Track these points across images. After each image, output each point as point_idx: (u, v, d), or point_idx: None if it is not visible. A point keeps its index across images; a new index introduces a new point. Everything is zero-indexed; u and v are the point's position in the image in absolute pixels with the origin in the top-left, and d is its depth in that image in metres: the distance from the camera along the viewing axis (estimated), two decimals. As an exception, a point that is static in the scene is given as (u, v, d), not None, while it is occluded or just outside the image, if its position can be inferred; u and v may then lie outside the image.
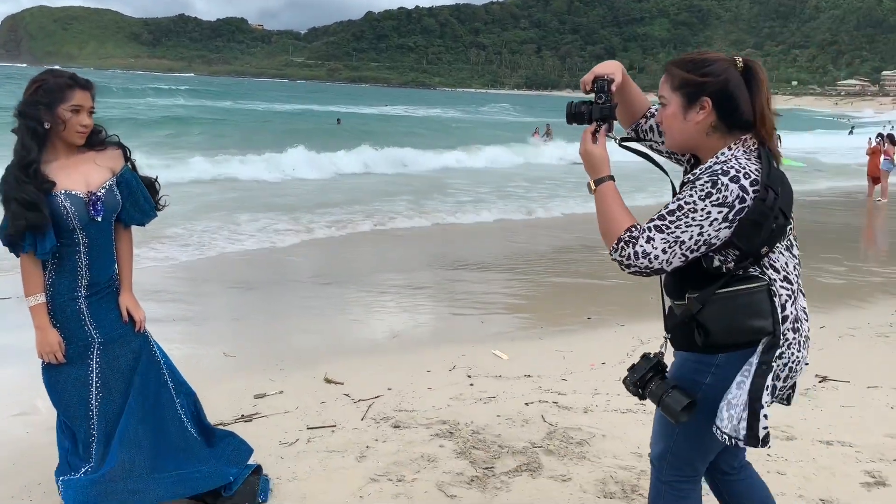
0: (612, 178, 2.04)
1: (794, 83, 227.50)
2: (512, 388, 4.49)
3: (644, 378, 2.05)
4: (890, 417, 4.13)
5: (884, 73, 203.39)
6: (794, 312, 1.97)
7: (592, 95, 2.11)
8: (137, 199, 2.79)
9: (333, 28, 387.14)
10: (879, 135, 17.55)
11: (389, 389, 4.39)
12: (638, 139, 2.30)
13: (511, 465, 3.42)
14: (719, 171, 1.90)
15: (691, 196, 1.89)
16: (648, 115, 2.27)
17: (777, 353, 1.92)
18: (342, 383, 4.48)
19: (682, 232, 1.89)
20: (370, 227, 10.50)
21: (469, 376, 4.71)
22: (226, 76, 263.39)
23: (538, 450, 3.59)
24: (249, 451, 3.05)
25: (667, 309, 2.14)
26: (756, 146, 1.99)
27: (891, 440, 3.79)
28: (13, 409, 4.03)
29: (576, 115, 2.12)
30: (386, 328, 5.98)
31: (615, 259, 1.96)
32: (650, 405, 4.16)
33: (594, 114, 2.08)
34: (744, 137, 1.99)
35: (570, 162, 20.82)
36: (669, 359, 2.13)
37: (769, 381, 1.91)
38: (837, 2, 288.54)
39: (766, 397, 1.91)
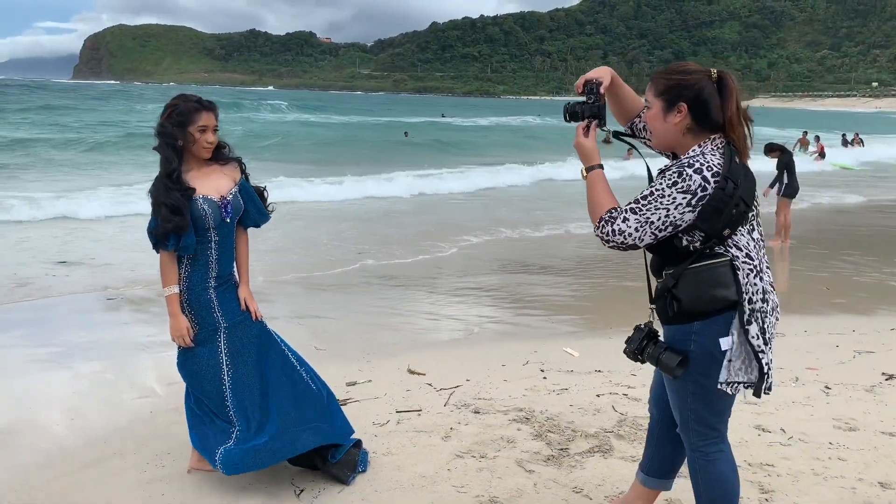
0: (601, 166, 2.42)
1: (875, 84, 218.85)
2: (583, 381, 4.78)
3: (640, 346, 2.43)
4: (955, 412, 4.24)
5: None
6: (760, 284, 2.31)
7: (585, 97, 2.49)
8: (256, 204, 3.27)
9: (399, 39, 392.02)
10: None
11: (468, 380, 4.73)
12: (633, 136, 2.65)
13: (584, 446, 3.72)
14: (686, 164, 2.25)
15: (661, 184, 2.25)
16: (642, 114, 2.57)
17: (747, 318, 2.26)
18: (424, 374, 4.85)
19: (652, 214, 2.25)
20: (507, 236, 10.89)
21: (542, 370, 5.01)
22: (295, 89, 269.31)
23: (609, 434, 3.87)
24: (352, 429, 3.43)
25: (652, 287, 2.47)
26: (723, 144, 2.32)
27: (954, 433, 3.92)
28: (137, 392, 4.54)
29: (572, 114, 2.50)
30: (462, 326, 6.33)
31: (598, 235, 2.33)
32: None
33: (585, 112, 2.46)
34: (713, 137, 2.33)
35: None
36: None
37: (754, 332, 2.27)
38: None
39: (759, 343, 2.27)
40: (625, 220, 2.28)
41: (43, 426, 4.03)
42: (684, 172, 2.23)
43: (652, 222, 2.25)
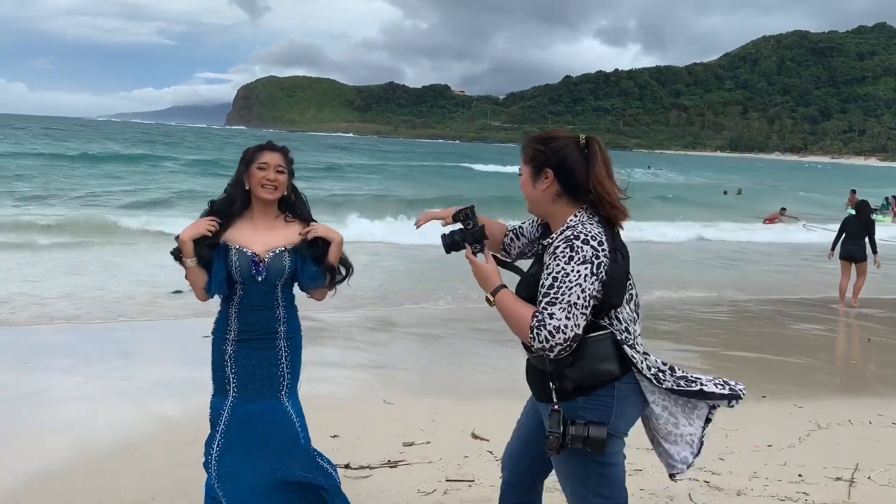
0: (504, 286, 2.33)
1: None
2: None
3: (563, 433, 2.23)
4: None
5: None
6: (641, 353, 2.31)
7: (458, 225, 2.47)
8: (308, 271, 2.97)
9: (531, 92, 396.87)
10: None
11: (534, 451, 4.37)
12: (511, 258, 2.65)
13: (646, 542, 3.29)
14: (571, 236, 2.22)
15: (558, 264, 2.19)
16: (508, 232, 2.66)
17: (653, 388, 2.31)
18: (488, 440, 4.54)
19: (570, 296, 2.15)
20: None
21: (619, 445, 4.57)
22: (426, 139, 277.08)
23: (678, 530, 3.41)
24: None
25: (526, 364, 2.43)
26: (598, 213, 2.30)
27: None
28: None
29: (452, 244, 2.45)
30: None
31: (538, 348, 2.17)
32: (814, 496, 3.82)
33: (467, 239, 2.41)
34: (586, 206, 2.31)
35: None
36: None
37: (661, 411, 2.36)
38: None
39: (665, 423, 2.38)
40: (551, 315, 2.16)
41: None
42: (574, 244, 2.20)
43: (575, 304, 2.16)
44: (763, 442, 4.72)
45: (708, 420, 2.42)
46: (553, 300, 2.16)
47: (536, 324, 2.16)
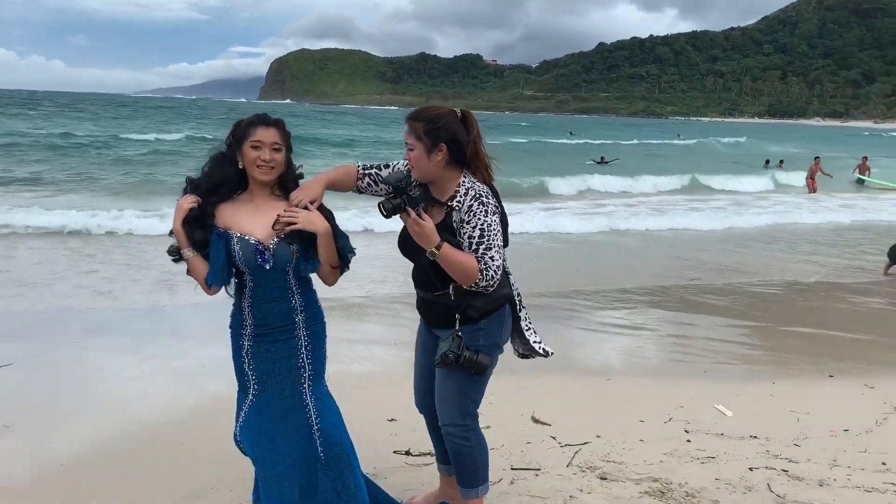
0: (443, 240, 2.67)
1: None
2: (735, 449, 4.12)
3: (447, 355, 2.78)
4: None
5: None
6: (514, 282, 2.96)
7: (388, 197, 2.67)
8: (306, 254, 2.74)
9: (564, 60, 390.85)
10: None
11: (598, 437, 4.22)
12: (361, 193, 3.01)
13: (728, 536, 3.12)
14: (477, 195, 2.74)
15: (479, 219, 2.71)
16: (360, 177, 2.98)
17: (518, 307, 2.97)
18: (550, 424, 4.39)
19: (496, 240, 2.73)
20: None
21: (686, 431, 4.39)
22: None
23: (761, 523, 3.24)
24: None
25: (421, 300, 3.01)
26: (473, 174, 2.82)
27: None
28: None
29: (394, 208, 2.62)
30: (601, 367, 5.78)
31: (484, 285, 2.72)
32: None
33: (411, 203, 2.63)
34: (464, 169, 2.81)
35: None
36: None
37: (524, 315, 3.01)
38: None
39: (527, 324, 3.01)
40: (492, 258, 2.71)
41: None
42: (482, 201, 2.73)
43: (499, 245, 2.75)
44: (838, 427, 4.49)
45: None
46: (489, 246, 2.70)
47: (484, 267, 2.70)
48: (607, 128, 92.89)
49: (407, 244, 2.86)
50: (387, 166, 3.01)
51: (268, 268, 2.67)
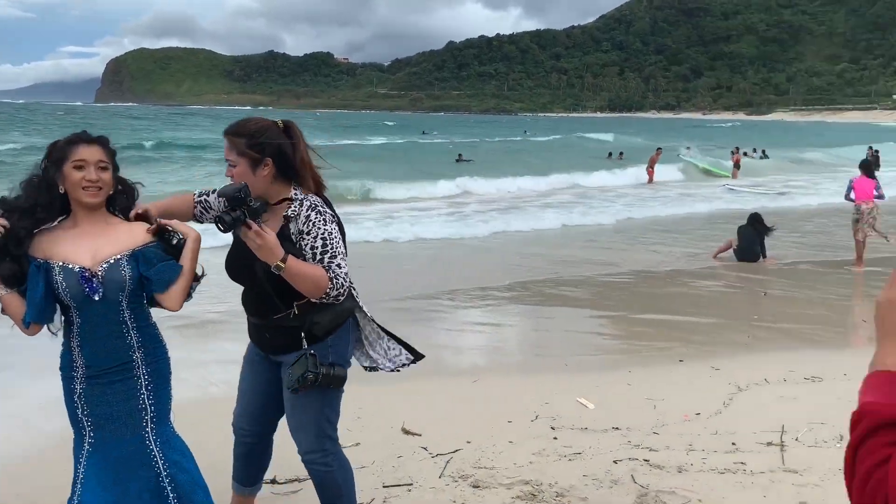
0: (288, 253, 2.51)
1: None
2: (599, 442, 4.23)
3: (307, 376, 2.59)
4: None
5: None
6: (356, 292, 2.83)
7: (226, 210, 2.49)
8: (160, 274, 2.46)
9: (416, 59, 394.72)
10: None
11: (468, 442, 4.20)
12: (200, 222, 2.89)
13: (599, 534, 3.18)
14: (311, 206, 2.63)
15: (319, 228, 2.60)
16: (196, 205, 2.89)
17: (365, 318, 2.86)
18: (420, 434, 4.33)
19: (339, 248, 2.63)
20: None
21: (553, 428, 4.47)
22: (312, 109, 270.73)
23: (628, 516, 3.33)
24: None
25: (255, 328, 2.82)
26: (302, 185, 2.69)
27: None
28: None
29: (233, 222, 2.43)
30: (468, 368, 5.80)
31: (335, 294, 2.59)
32: (751, 465, 3.84)
33: (250, 216, 2.45)
34: (292, 181, 2.68)
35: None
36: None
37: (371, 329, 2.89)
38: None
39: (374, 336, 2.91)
40: (339, 265, 2.61)
41: None
42: (318, 211, 2.63)
43: (343, 253, 2.65)
44: (691, 410, 4.73)
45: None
46: (333, 255, 2.59)
47: (333, 276, 2.58)
48: (461, 125, 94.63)
49: (236, 266, 2.71)
50: (215, 191, 2.86)
51: (97, 298, 2.38)
